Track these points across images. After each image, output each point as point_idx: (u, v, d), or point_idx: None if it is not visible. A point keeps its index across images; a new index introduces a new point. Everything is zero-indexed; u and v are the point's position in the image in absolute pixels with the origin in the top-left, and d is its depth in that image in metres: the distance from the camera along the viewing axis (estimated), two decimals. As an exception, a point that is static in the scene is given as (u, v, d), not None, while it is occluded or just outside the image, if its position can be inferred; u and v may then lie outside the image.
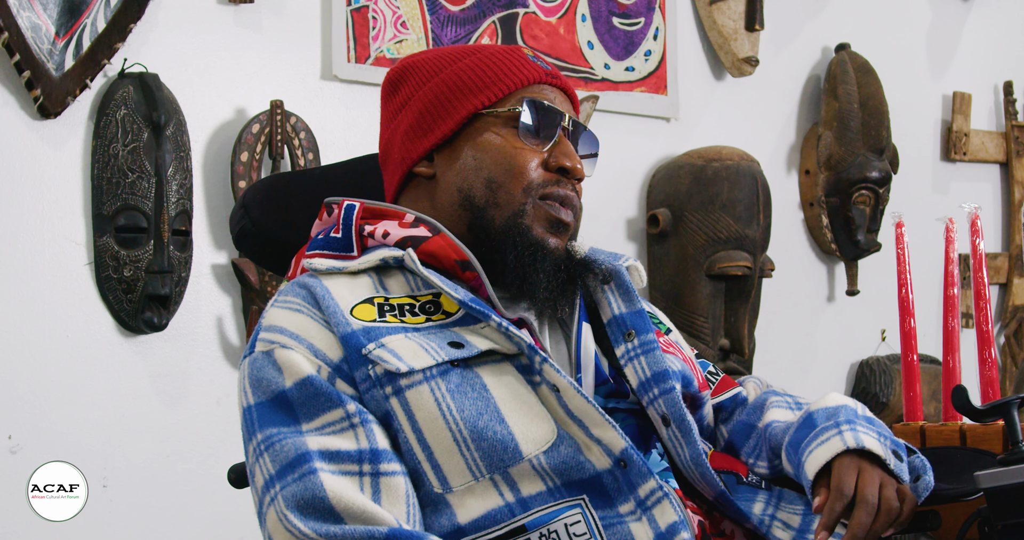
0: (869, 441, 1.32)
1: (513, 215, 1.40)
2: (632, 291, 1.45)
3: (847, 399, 1.41)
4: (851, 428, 1.33)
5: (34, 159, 2.19)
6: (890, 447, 1.34)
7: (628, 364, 1.40)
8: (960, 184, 4.00)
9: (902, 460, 1.34)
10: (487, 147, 1.42)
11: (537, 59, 1.48)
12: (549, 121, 1.43)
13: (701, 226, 3.02)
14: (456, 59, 1.47)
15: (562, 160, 1.42)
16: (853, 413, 1.37)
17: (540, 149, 1.42)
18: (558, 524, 1.23)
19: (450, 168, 1.44)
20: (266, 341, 1.33)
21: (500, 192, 1.40)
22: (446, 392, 1.27)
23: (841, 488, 1.28)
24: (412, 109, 1.47)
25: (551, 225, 1.41)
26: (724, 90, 3.35)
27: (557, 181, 1.42)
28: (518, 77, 1.44)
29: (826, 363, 3.56)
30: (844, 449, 1.31)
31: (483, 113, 1.43)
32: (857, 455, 1.31)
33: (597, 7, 3.03)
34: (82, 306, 2.24)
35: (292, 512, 1.19)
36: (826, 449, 1.32)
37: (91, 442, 2.22)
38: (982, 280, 2.06)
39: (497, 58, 1.46)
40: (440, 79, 1.46)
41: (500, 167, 1.41)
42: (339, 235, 1.42)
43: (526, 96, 1.43)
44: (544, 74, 1.46)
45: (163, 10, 2.35)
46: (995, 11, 4.15)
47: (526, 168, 1.41)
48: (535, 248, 1.39)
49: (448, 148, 1.45)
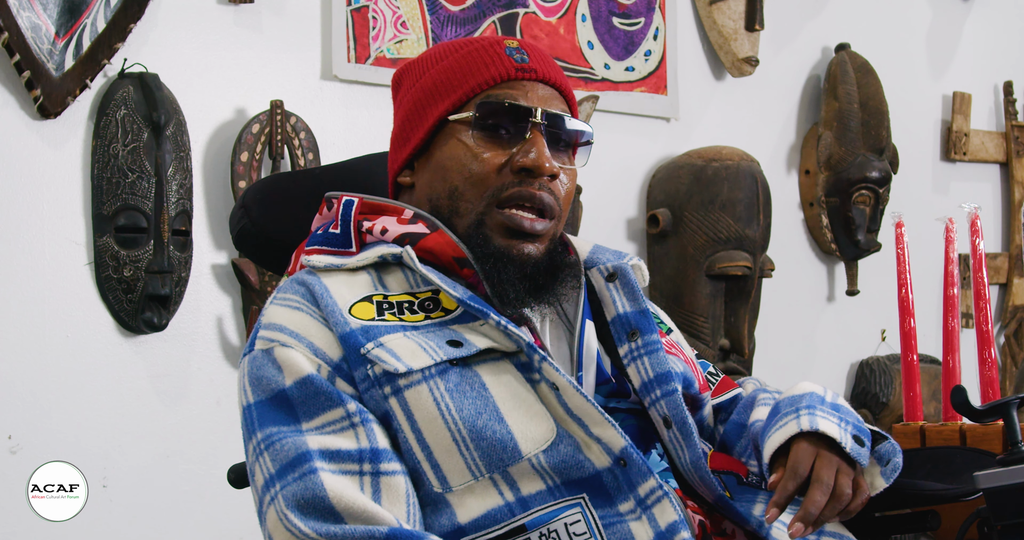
0: (825, 424, 1.31)
1: (473, 224, 1.37)
2: (637, 290, 1.44)
3: (816, 386, 1.40)
4: (810, 413, 1.33)
5: (34, 159, 2.19)
6: (851, 432, 1.32)
7: (631, 364, 1.39)
8: (960, 184, 4.00)
9: (863, 445, 1.33)
10: (452, 154, 1.39)
11: (519, 51, 1.42)
12: (514, 120, 1.38)
13: (701, 226, 3.02)
14: (439, 59, 1.44)
15: (523, 159, 1.36)
16: (818, 399, 1.36)
17: (508, 151, 1.38)
18: (558, 523, 1.23)
19: (423, 177, 1.43)
20: (266, 339, 1.32)
21: (461, 202, 1.38)
22: (445, 392, 1.27)
23: (796, 468, 1.28)
24: (400, 116, 1.47)
25: (512, 233, 1.37)
26: (724, 90, 3.35)
27: (520, 183, 1.36)
28: (483, 76, 1.39)
29: (826, 363, 3.56)
30: (798, 431, 1.31)
31: (449, 119, 1.40)
32: (815, 439, 1.31)
33: (597, 7, 3.03)
34: (82, 306, 2.23)
35: (292, 511, 1.19)
36: (783, 432, 1.32)
37: (91, 442, 2.22)
38: (982, 280, 2.06)
39: (471, 57, 1.41)
40: (421, 84, 1.44)
41: (460, 175, 1.38)
42: (338, 231, 1.41)
43: (489, 97, 1.38)
44: (515, 69, 1.39)
45: (163, 10, 2.35)
46: (995, 11, 4.15)
47: (486, 174, 1.37)
48: (496, 257, 1.36)
49: (424, 156, 1.43)
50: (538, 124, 1.38)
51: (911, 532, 1.48)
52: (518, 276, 1.36)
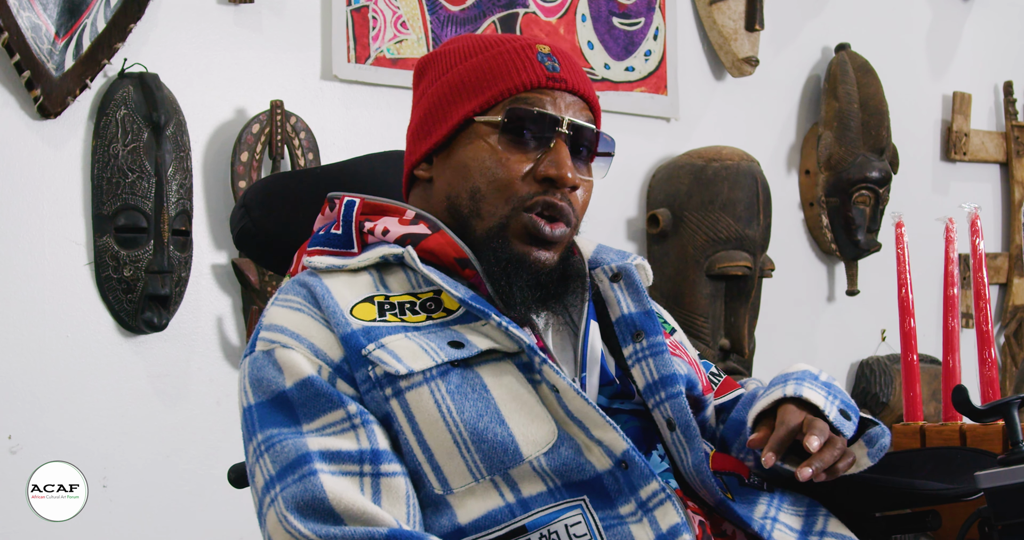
0: (810, 393, 1.33)
1: (494, 228, 1.37)
2: (642, 290, 1.44)
3: (810, 366, 1.43)
4: (797, 383, 1.35)
5: (34, 159, 2.19)
6: (837, 406, 1.34)
7: (635, 365, 1.39)
8: (960, 184, 4.00)
9: (849, 419, 1.34)
10: (476, 155, 1.38)
11: (550, 58, 1.41)
12: (541, 128, 1.38)
13: (701, 226, 3.02)
14: (468, 56, 1.43)
15: (548, 169, 1.36)
16: (809, 375, 1.39)
17: (532, 157, 1.37)
18: (559, 525, 1.23)
19: (443, 173, 1.42)
20: (266, 340, 1.32)
21: (483, 203, 1.37)
22: (446, 393, 1.27)
23: (785, 420, 1.29)
24: (421, 107, 1.46)
25: (532, 239, 1.37)
26: (724, 90, 3.35)
27: (544, 191, 1.36)
28: (514, 82, 1.38)
29: (826, 363, 3.56)
30: (783, 396, 1.33)
31: (475, 120, 1.39)
32: (800, 405, 1.33)
33: (597, 7, 3.03)
34: (82, 306, 2.23)
35: (292, 513, 1.19)
36: (768, 398, 1.35)
37: (91, 442, 2.21)
38: (982, 280, 2.06)
39: (503, 59, 1.40)
40: (447, 78, 1.43)
41: (484, 177, 1.37)
42: (339, 232, 1.41)
43: (517, 103, 1.38)
44: (546, 78, 1.39)
45: (163, 10, 2.35)
46: (995, 11, 4.15)
47: (511, 180, 1.36)
48: (512, 261, 1.36)
49: (445, 152, 1.42)
50: (563, 134, 1.38)
51: (911, 532, 1.48)
52: (531, 283, 1.36)
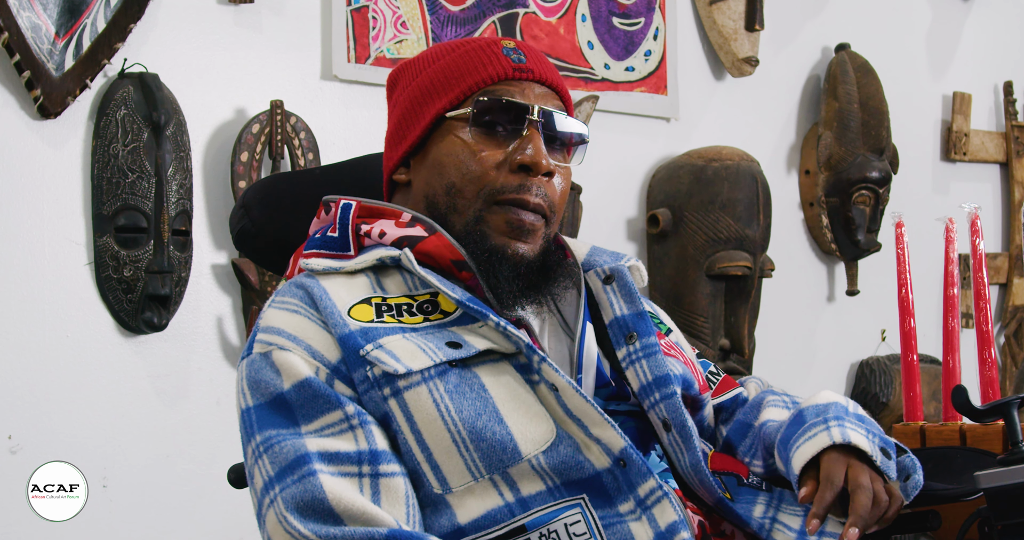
0: (856, 437, 1.32)
1: (471, 221, 1.37)
2: (634, 292, 1.44)
3: (839, 397, 1.41)
4: (839, 424, 1.33)
5: (34, 159, 2.19)
6: (878, 445, 1.34)
7: (629, 367, 1.39)
8: (960, 184, 4.00)
9: (890, 458, 1.34)
10: (450, 151, 1.39)
11: (516, 51, 1.42)
12: (511, 118, 1.38)
13: (701, 226, 3.02)
14: (435, 59, 1.45)
15: (522, 157, 1.37)
16: (843, 410, 1.37)
17: (505, 149, 1.38)
18: (558, 524, 1.23)
19: (419, 174, 1.43)
20: (264, 342, 1.32)
21: (458, 198, 1.38)
22: (444, 393, 1.27)
23: (831, 478, 1.28)
24: (395, 115, 1.47)
25: (511, 230, 1.37)
26: (724, 90, 3.35)
27: (519, 184, 1.37)
28: (481, 75, 1.40)
29: (826, 363, 3.56)
30: (831, 443, 1.31)
31: (446, 116, 1.40)
32: (845, 451, 1.31)
33: (597, 7, 3.03)
34: (82, 306, 2.23)
35: (292, 514, 1.19)
36: (813, 444, 1.32)
37: (91, 442, 2.21)
38: (982, 280, 2.06)
39: (469, 56, 1.42)
40: (417, 82, 1.44)
41: (459, 171, 1.38)
42: (336, 234, 1.42)
43: (486, 95, 1.39)
44: (512, 69, 1.40)
45: (163, 10, 2.35)
46: (995, 11, 4.15)
47: (484, 171, 1.37)
48: (492, 254, 1.36)
49: (420, 153, 1.43)
50: (535, 122, 1.39)
51: (911, 532, 1.48)
52: (512, 275, 1.36)
